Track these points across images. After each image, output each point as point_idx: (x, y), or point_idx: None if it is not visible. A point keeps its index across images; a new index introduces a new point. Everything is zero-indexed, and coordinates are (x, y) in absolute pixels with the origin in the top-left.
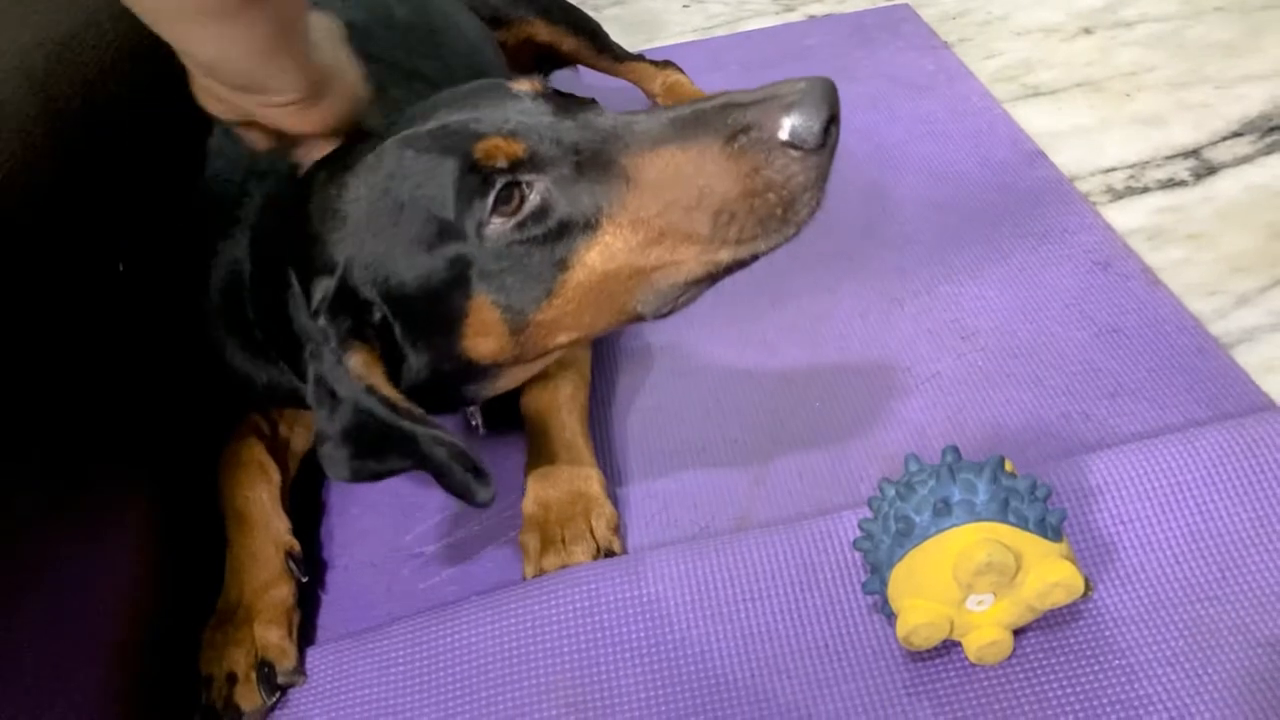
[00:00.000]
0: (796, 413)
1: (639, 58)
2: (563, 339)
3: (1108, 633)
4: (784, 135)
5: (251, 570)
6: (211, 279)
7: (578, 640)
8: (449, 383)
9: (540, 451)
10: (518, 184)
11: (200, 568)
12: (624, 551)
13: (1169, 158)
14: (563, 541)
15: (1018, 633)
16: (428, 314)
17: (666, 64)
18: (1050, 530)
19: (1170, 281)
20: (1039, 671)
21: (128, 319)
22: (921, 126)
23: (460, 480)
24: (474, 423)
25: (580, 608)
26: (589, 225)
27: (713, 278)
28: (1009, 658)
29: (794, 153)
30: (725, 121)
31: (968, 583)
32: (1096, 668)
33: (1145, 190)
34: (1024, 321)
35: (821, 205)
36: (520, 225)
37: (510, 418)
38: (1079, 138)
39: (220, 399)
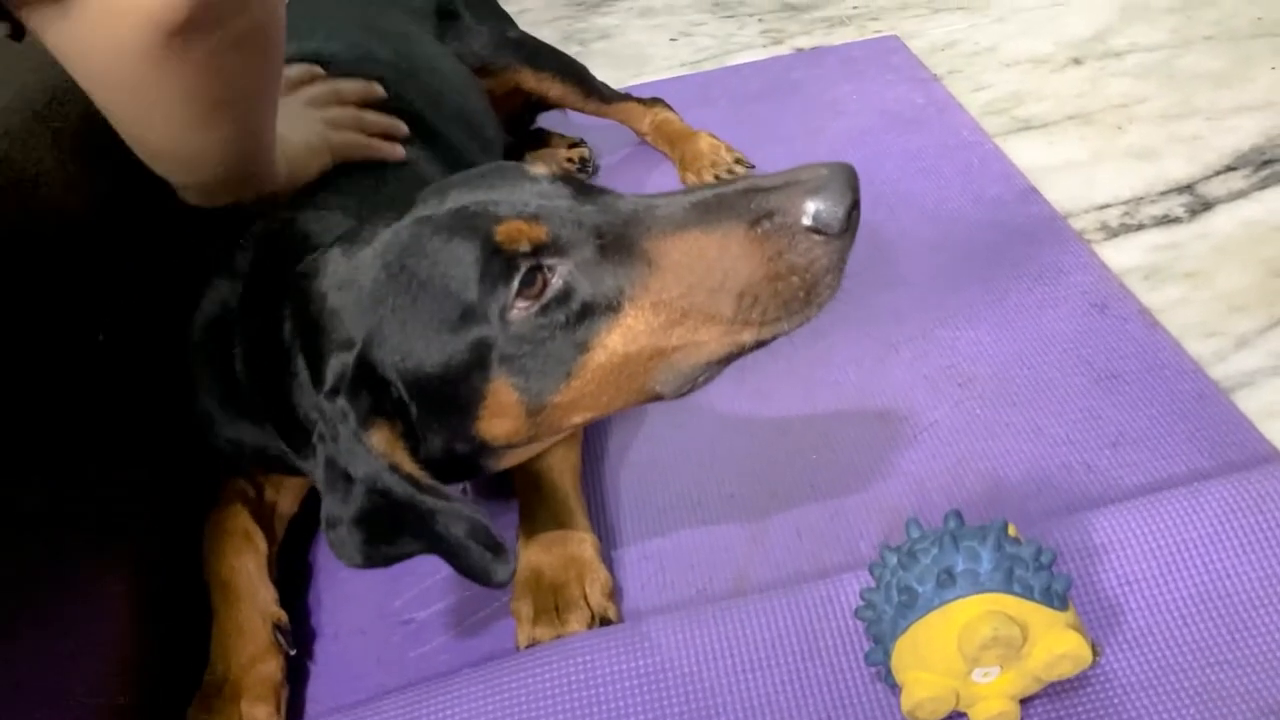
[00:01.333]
0: (793, 465)
1: (626, 97)
2: (578, 419)
3: (1116, 699)
4: (808, 221)
5: (238, 644)
6: (195, 327)
7: (573, 714)
8: (460, 461)
9: (532, 514)
10: (541, 268)
11: (185, 640)
12: (619, 618)
13: (1163, 193)
14: (556, 610)
15: (1024, 701)
16: (445, 395)
17: (655, 101)
18: (1056, 599)
19: (1168, 322)
20: None
21: (111, 380)
22: (913, 163)
23: (477, 559)
24: (463, 487)
25: (575, 680)
26: (611, 307)
27: (733, 357)
28: None
29: (817, 237)
30: (749, 206)
31: (973, 655)
32: None
33: (1140, 227)
34: (1022, 367)
35: (839, 286)
36: (543, 309)
37: (499, 477)
38: (1072, 172)
39: (204, 461)
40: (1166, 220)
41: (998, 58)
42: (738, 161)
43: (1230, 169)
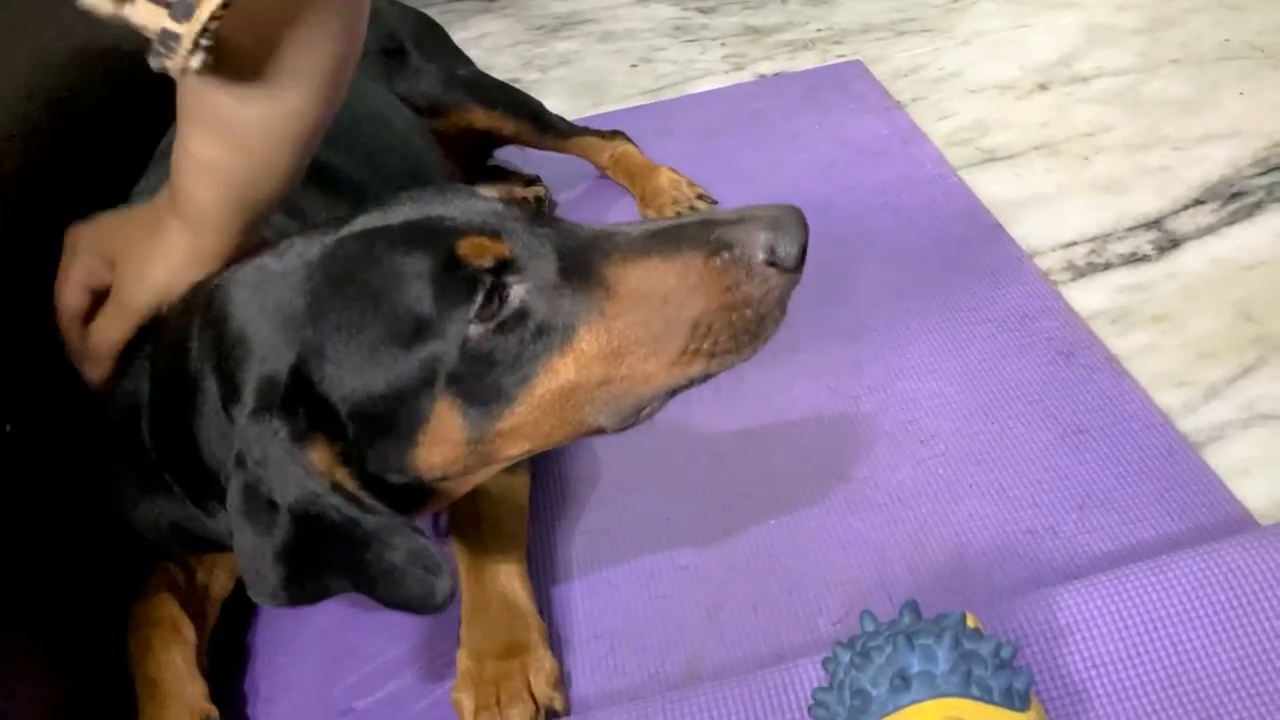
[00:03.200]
0: (750, 534)
1: (585, 131)
2: (516, 450)
3: None
4: (764, 255)
5: None
6: (113, 406)
7: None
8: (389, 496)
9: (475, 598)
10: (501, 286)
11: None
12: (566, 709)
13: (1130, 229)
14: (498, 702)
15: None
16: (387, 417)
17: (615, 134)
18: (1017, 699)
19: (1136, 370)
20: None
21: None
22: (875, 198)
23: (414, 586)
24: None
25: None
26: (565, 331)
27: (678, 390)
28: None
29: (771, 271)
30: (708, 237)
31: None
32: None
33: (1107, 266)
34: (986, 422)
35: (783, 322)
36: (499, 328)
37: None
38: (1038, 207)
39: (125, 549)
40: (1134, 259)
41: (962, 84)
42: (700, 197)
43: (1199, 202)
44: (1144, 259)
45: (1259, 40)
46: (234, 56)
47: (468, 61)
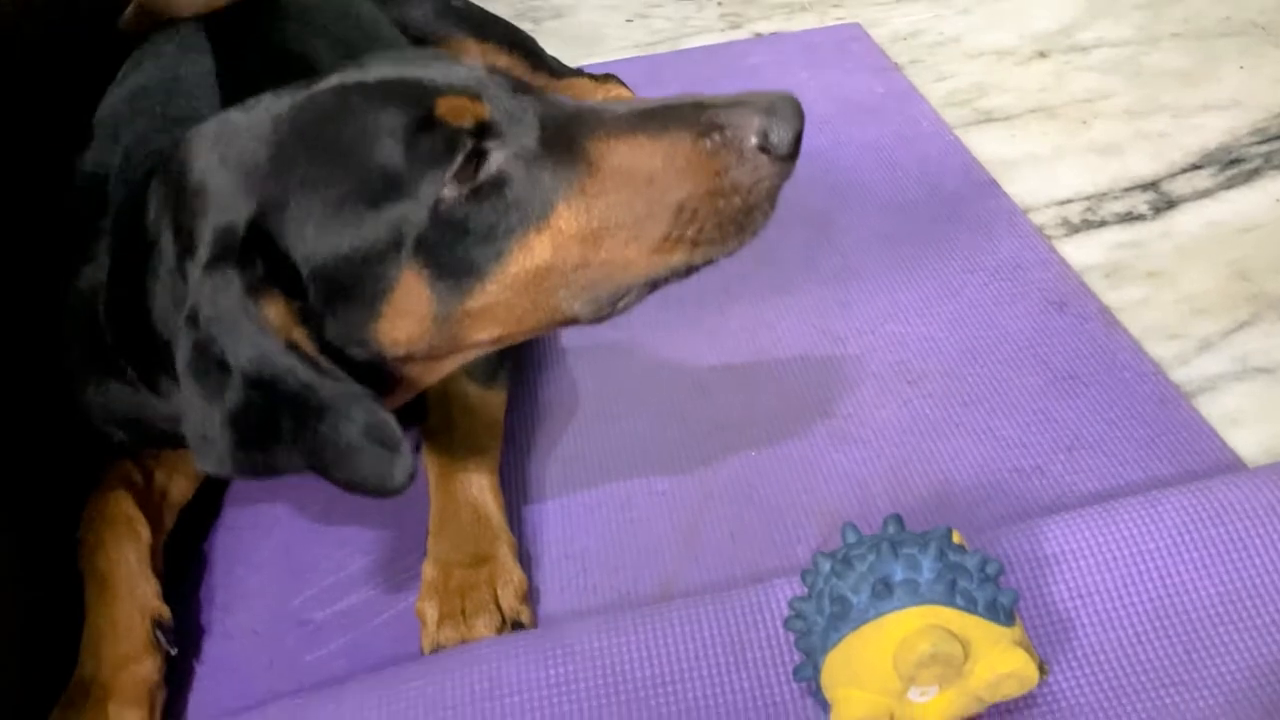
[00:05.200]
0: (730, 463)
1: (578, 72)
2: (484, 335)
3: None
4: (756, 140)
5: (111, 641)
6: (66, 303)
7: None
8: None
9: (443, 508)
10: (480, 150)
11: (55, 641)
12: (533, 623)
13: (1127, 190)
14: (463, 613)
15: None
16: (350, 281)
17: (608, 78)
18: (1002, 614)
19: (1129, 323)
20: None
21: None
22: (870, 154)
23: (370, 464)
24: None
25: (479, 690)
26: (543, 206)
27: (658, 282)
28: None
29: (762, 158)
30: (699, 118)
31: (910, 673)
32: None
33: (1103, 224)
34: (975, 365)
35: (771, 217)
36: (474, 194)
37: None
38: (1033, 166)
39: (82, 441)
40: (1129, 217)
41: (961, 49)
42: None
43: (1196, 167)
44: (1139, 218)
45: (1260, 19)
46: None
47: None
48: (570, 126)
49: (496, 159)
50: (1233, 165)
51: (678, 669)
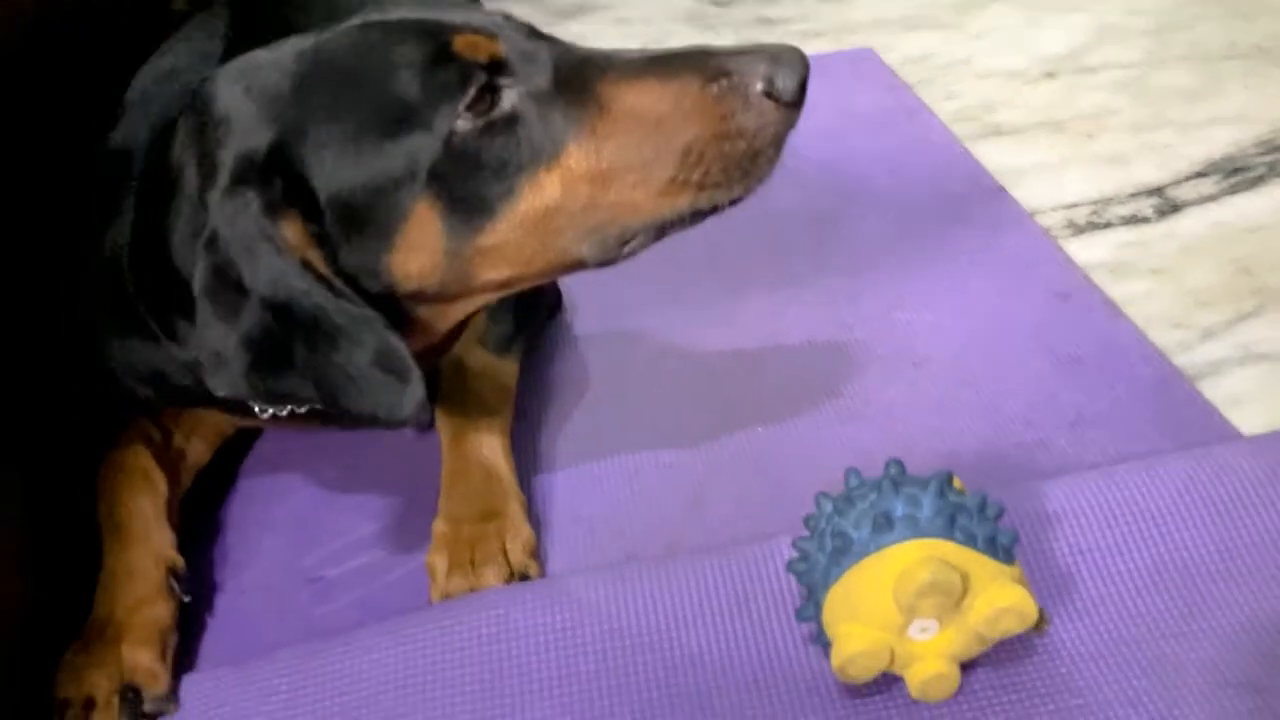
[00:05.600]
0: (737, 438)
1: None
2: (494, 275)
3: (1064, 670)
4: (762, 85)
5: (126, 586)
6: (91, 261)
7: (482, 670)
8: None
9: (455, 468)
10: (493, 86)
11: (74, 590)
12: (541, 576)
13: (1132, 195)
14: (472, 563)
15: (965, 667)
16: (366, 209)
17: None
18: (1001, 551)
19: (1133, 314)
20: (988, 710)
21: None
22: (879, 162)
23: (379, 393)
24: None
25: (487, 634)
26: (554, 145)
27: (664, 228)
28: (955, 695)
29: (768, 104)
30: (707, 64)
31: (909, 604)
32: (1051, 707)
33: (1108, 225)
34: (979, 350)
35: (778, 164)
36: (487, 128)
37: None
38: (1040, 174)
39: (104, 398)
40: (1134, 220)
41: (970, 70)
42: None
43: (1200, 175)
44: (1144, 220)
45: (1265, 44)
46: None
47: None
48: (582, 69)
49: (509, 97)
50: (1237, 173)
51: (681, 617)
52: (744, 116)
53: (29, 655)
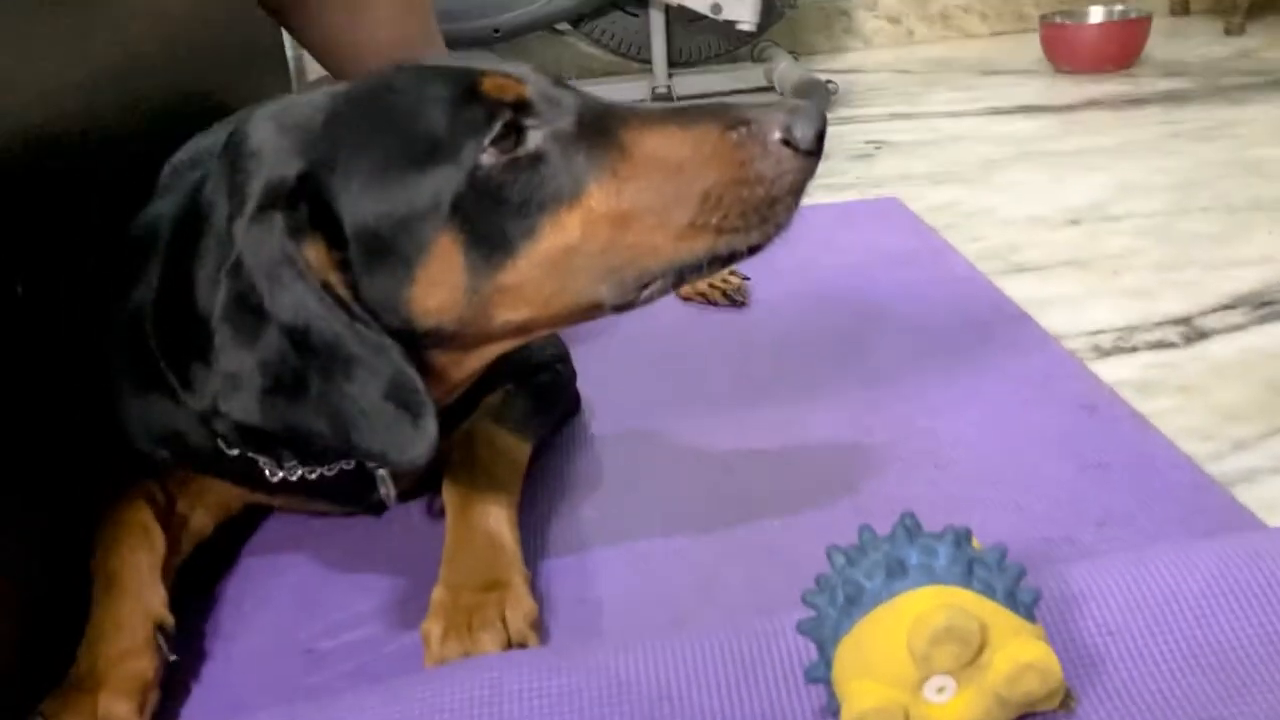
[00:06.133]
0: (750, 528)
1: None
2: (513, 316)
3: None
4: (779, 135)
5: (112, 637)
6: (115, 321)
7: None
8: None
9: (459, 536)
10: (519, 125)
11: (59, 643)
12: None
13: (1158, 324)
14: (469, 627)
15: None
16: (389, 241)
17: None
18: (1022, 608)
19: (1162, 427)
20: None
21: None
22: (903, 290)
23: (387, 430)
24: (384, 490)
25: (478, 696)
26: (576, 186)
27: (682, 273)
28: None
29: (786, 152)
30: (727, 114)
31: (924, 653)
32: None
33: (1134, 350)
34: (1004, 455)
35: (795, 214)
36: (511, 165)
37: (426, 485)
38: (1065, 305)
39: (113, 459)
40: (1161, 345)
41: (995, 217)
42: (732, 272)
43: (1228, 308)
44: (1171, 345)
45: None
46: None
47: None
48: (605, 116)
49: (534, 137)
50: (1265, 306)
51: (685, 685)
52: (762, 163)
53: (8, 702)
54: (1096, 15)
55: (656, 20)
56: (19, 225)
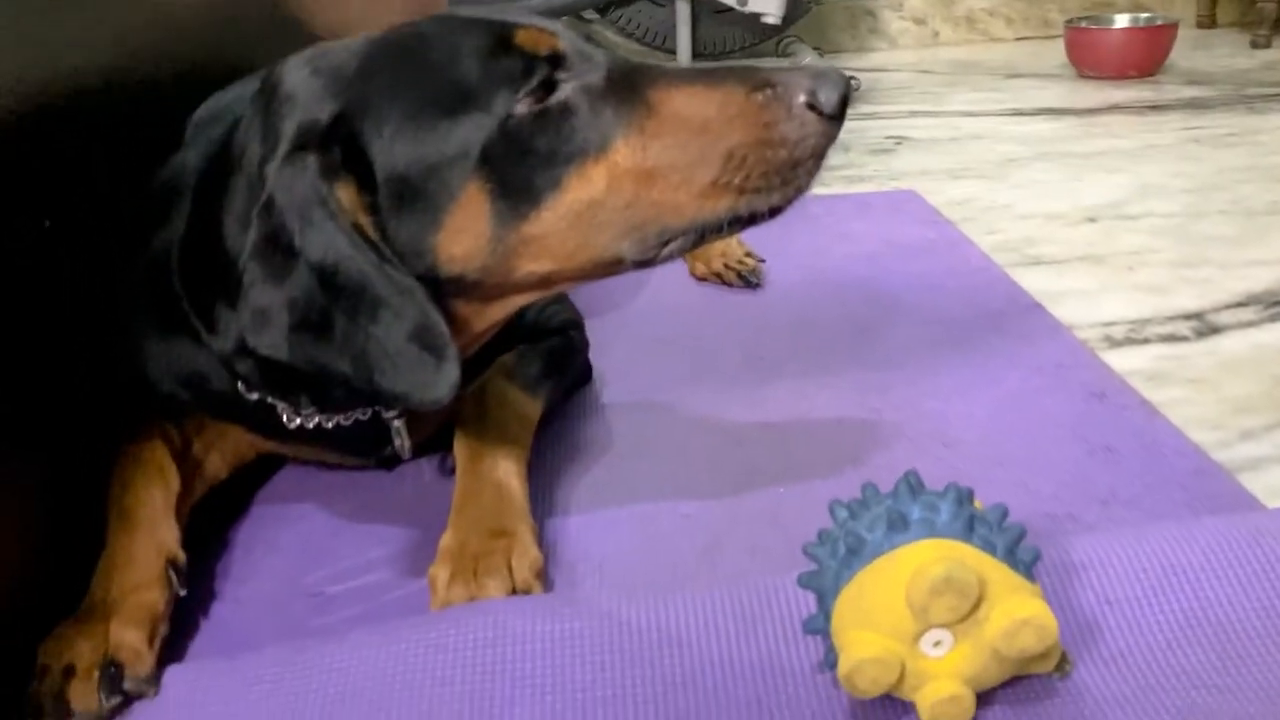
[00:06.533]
0: (757, 496)
1: None
2: (535, 268)
3: (1087, 712)
4: (804, 98)
5: (125, 570)
6: (140, 263)
7: (471, 671)
8: None
9: (468, 487)
10: (551, 79)
11: (74, 577)
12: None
13: (1170, 318)
14: (474, 573)
15: (981, 700)
16: (419, 186)
17: None
18: (1021, 566)
19: (1171, 415)
20: None
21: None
22: (917, 279)
23: (411, 371)
24: (398, 442)
25: (480, 638)
26: (603, 140)
27: (702, 232)
28: None
29: (810, 116)
30: (753, 76)
31: (923, 605)
32: None
33: (1145, 341)
34: (1012, 437)
35: (817, 177)
36: (540, 116)
37: (439, 443)
38: (1078, 298)
39: (133, 399)
40: (1173, 338)
41: (1012, 212)
42: (748, 255)
43: (1241, 305)
44: (1182, 339)
45: None
46: None
47: None
48: (634, 74)
49: (564, 89)
50: (1279, 305)
51: (684, 635)
52: (787, 125)
53: (24, 628)
54: (1122, 21)
55: (682, 11)
56: (50, 164)
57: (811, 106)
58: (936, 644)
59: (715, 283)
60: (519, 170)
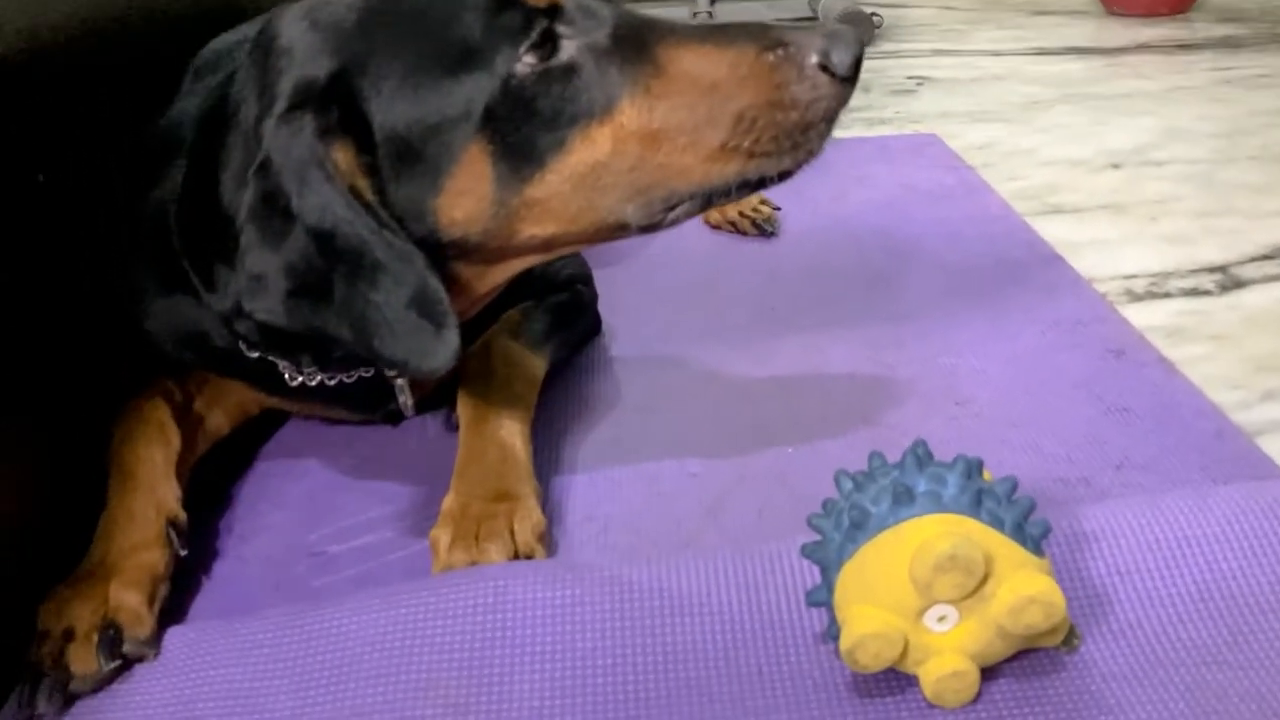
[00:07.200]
0: (765, 455)
1: None
2: (538, 231)
3: (1095, 687)
4: (817, 59)
5: (125, 529)
6: (138, 219)
7: (473, 638)
8: None
9: (472, 447)
10: (553, 34)
11: (74, 536)
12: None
13: (1193, 271)
14: (476, 537)
15: (986, 677)
16: (419, 146)
17: None
18: (1030, 541)
19: (1190, 374)
20: None
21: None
22: (935, 228)
23: (409, 338)
24: (402, 399)
25: (481, 604)
26: (608, 99)
27: (710, 196)
28: (974, 702)
29: (822, 77)
30: (765, 35)
31: (927, 581)
32: None
33: (1167, 295)
34: (1026, 395)
35: (828, 140)
36: (544, 75)
37: (443, 398)
38: (1100, 249)
39: (133, 357)
40: (1195, 292)
41: (1035, 158)
42: (763, 202)
43: (1267, 258)
44: (1205, 293)
45: None
46: None
47: None
48: (641, 31)
49: (568, 47)
50: None
51: (688, 604)
52: (798, 87)
53: (23, 588)
54: None
55: None
56: (43, 117)
57: (824, 68)
58: (941, 619)
59: (730, 231)
60: (522, 130)
